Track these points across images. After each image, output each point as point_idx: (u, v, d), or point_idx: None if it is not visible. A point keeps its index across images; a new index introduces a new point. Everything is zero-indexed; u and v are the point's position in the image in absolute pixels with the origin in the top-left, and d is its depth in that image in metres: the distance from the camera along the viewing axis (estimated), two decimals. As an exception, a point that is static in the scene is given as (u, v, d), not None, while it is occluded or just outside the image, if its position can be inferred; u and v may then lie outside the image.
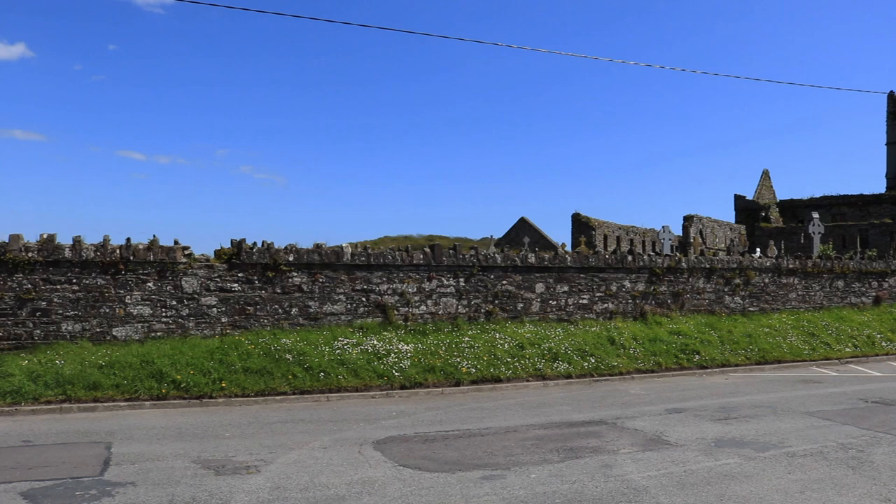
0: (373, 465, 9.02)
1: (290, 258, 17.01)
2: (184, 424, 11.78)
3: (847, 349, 22.14)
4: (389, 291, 18.03)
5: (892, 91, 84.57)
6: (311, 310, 17.15)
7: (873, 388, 16.14)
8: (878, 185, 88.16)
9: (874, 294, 27.15)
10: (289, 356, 15.35)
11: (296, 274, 17.08)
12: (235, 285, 16.51)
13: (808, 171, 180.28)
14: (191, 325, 16.05)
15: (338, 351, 15.91)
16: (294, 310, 17.00)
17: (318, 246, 17.53)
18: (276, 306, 16.85)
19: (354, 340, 16.52)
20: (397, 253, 18.34)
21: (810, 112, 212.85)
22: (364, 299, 17.76)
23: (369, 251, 18.10)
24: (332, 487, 7.96)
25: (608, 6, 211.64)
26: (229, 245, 16.81)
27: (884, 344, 23.15)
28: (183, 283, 16.04)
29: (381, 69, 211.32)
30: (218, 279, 16.37)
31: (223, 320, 16.33)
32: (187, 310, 16.06)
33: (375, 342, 16.61)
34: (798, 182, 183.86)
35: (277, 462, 9.15)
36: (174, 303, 15.95)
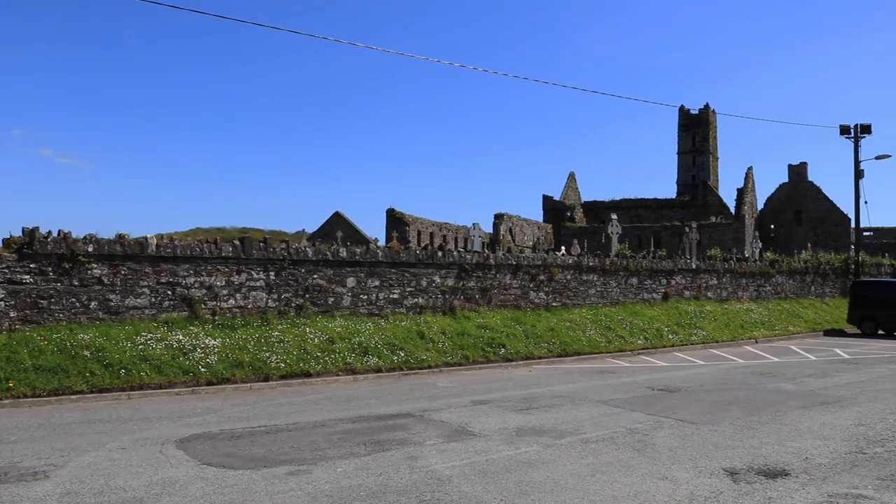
0: (174, 464, 8.74)
1: (90, 249, 16.10)
2: (-37, 428, 10.90)
3: (639, 341, 23.75)
4: (197, 285, 17.47)
5: (682, 105, 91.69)
6: (113, 303, 16.32)
7: (660, 377, 17.42)
8: (671, 191, 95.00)
9: (663, 290, 29.26)
10: (86, 352, 14.55)
11: (96, 266, 16.18)
12: (27, 277, 15.41)
13: (612, 174, 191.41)
14: (-26, 319, 14.83)
15: (140, 346, 15.26)
16: (93, 303, 16.11)
17: (120, 236, 16.70)
18: (74, 300, 15.89)
19: (159, 335, 15.90)
20: (205, 245, 17.80)
21: (615, 120, 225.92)
22: (170, 293, 17.11)
23: (176, 243, 17.45)
24: (129, 490, 7.65)
25: (420, 4, 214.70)
26: (20, 234, 15.67)
27: (671, 336, 25.03)
28: (-35, 274, 14.79)
29: (196, 58, 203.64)
30: (7, 270, 15.21)
31: (12, 315, 15.20)
32: (-30, 303, 14.82)
33: (181, 337, 16.07)
34: (602, 184, 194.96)
35: (70, 466, 8.66)
36: (-45, 296, 14.68)
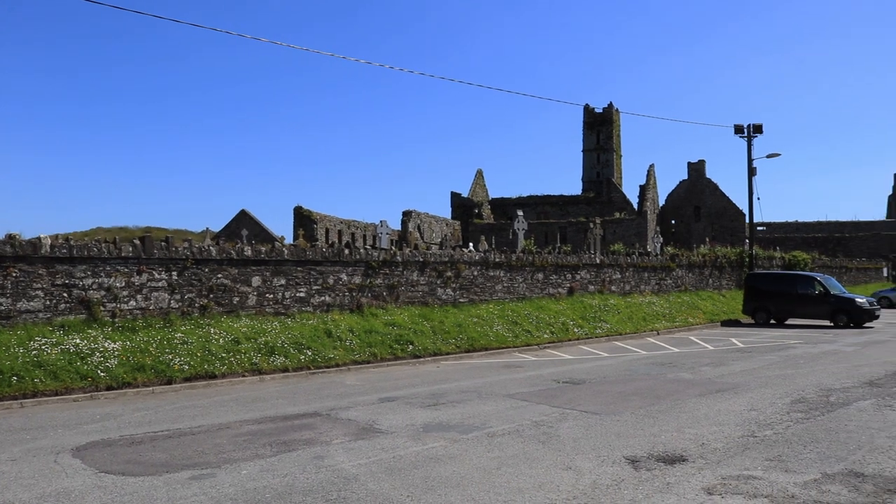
0: (70, 474, 8.43)
1: (-23, 251, 15.37)
2: None
3: (545, 335, 24.14)
4: (95, 286, 16.89)
5: (587, 104, 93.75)
6: (3, 307, 15.60)
7: (565, 370, 17.76)
8: (576, 188, 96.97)
9: (569, 285, 29.82)
10: (-26, 359, 13.89)
11: (-16, 268, 15.45)
12: None
13: (519, 171, 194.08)
14: None
15: (34, 352, 14.65)
16: (-19, 308, 15.38)
17: (10, 237, 15.99)
18: (-40, 304, 15.15)
19: (54, 340, 15.31)
20: (104, 245, 17.22)
21: (522, 117, 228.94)
22: (66, 295, 16.48)
23: (72, 243, 16.83)
24: (19, 503, 7.35)
25: (327, 1, 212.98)
26: None
27: (576, 330, 25.53)
28: None
29: (101, 54, 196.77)
30: None
31: None
32: None
33: (78, 341, 15.51)
34: (510, 181, 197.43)
35: (-44, 478, 8.26)
36: None
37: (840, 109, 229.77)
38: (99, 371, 14.73)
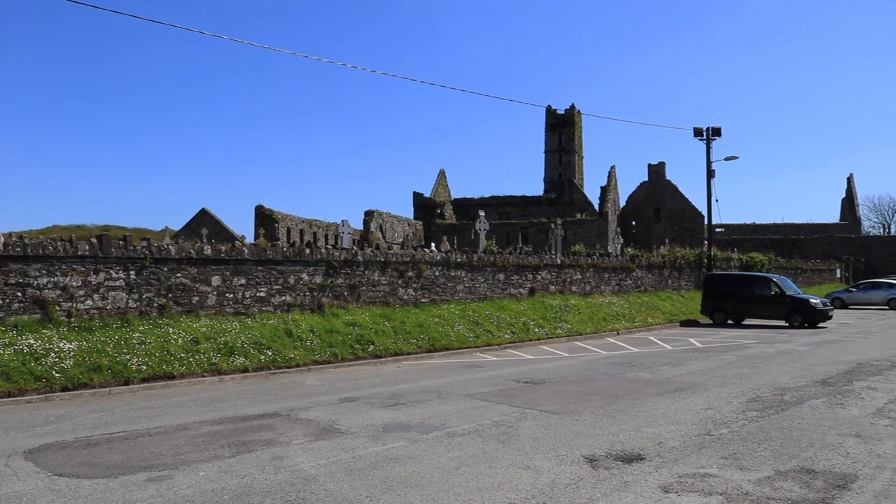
0: (22, 477, 8.28)
1: (-72, 249, 15.04)
2: None
3: (506, 336, 24.24)
4: (50, 285, 16.61)
5: (549, 105, 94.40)
6: (-46, 307, 15.30)
7: (526, 369, 17.86)
8: (538, 188, 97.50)
9: (529, 285, 29.97)
10: (-76, 360, 13.58)
11: (-65, 267, 15.12)
12: None
13: (481, 171, 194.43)
14: None
15: (-14, 352, 14.38)
16: (-68, 307, 15.05)
17: (-37, 235, 15.69)
18: None
19: (7, 340, 15.02)
20: (59, 243, 16.94)
21: (485, 118, 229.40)
22: (19, 294, 16.18)
23: (26, 241, 16.53)
24: (-30, 506, 7.22)
25: (291, 1, 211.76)
26: None
27: (537, 330, 25.67)
28: None
29: (58, 50, 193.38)
30: None
31: None
32: None
33: (33, 341, 15.23)
34: (472, 182, 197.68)
35: None
36: None
37: (795, 113, 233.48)
38: (54, 372, 14.49)
